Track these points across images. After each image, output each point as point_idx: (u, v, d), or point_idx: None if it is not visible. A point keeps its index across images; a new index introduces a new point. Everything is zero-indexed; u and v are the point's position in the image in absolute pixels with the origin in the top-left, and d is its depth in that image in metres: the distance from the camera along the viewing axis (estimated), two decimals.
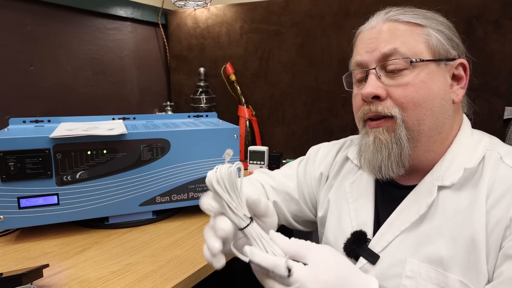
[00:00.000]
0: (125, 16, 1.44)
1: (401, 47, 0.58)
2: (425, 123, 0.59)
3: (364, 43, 0.63)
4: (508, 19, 0.99)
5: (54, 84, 1.24)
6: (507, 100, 1.03)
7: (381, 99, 0.60)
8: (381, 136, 0.60)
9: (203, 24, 1.52)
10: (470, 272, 0.53)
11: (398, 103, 0.59)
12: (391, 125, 0.60)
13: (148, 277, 0.65)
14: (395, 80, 0.59)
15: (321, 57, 1.29)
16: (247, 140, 1.45)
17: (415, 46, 0.59)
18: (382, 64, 0.60)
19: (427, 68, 0.59)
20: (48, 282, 0.63)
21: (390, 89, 0.59)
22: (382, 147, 0.60)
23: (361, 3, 1.19)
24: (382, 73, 0.60)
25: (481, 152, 0.59)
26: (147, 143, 0.83)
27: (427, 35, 0.59)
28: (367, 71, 0.62)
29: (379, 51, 0.60)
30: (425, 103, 0.58)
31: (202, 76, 1.50)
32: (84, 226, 0.84)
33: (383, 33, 0.60)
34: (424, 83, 0.58)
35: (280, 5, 1.33)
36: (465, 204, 0.56)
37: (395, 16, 0.61)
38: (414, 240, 0.58)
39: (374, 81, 0.60)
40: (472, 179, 0.57)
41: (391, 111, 0.59)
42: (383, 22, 0.62)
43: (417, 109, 0.58)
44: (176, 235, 0.82)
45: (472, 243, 0.53)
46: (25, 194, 0.75)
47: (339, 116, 1.29)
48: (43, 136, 0.75)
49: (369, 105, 0.61)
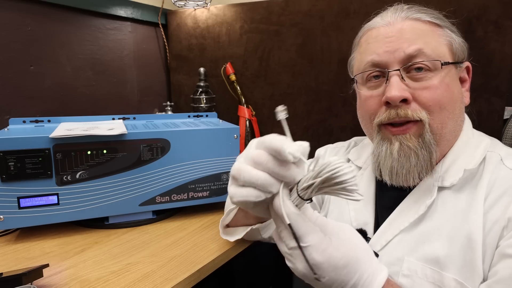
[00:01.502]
0: (125, 16, 1.44)
1: (425, 48, 0.56)
2: (448, 126, 0.58)
3: (382, 41, 0.59)
4: (508, 19, 0.99)
5: (54, 84, 1.24)
6: (507, 100, 1.03)
7: (407, 102, 0.57)
8: (409, 143, 0.57)
9: (203, 24, 1.52)
10: (466, 271, 0.53)
11: (425, 106, 0.56)
12: (417, 130, 0.57)
13: (148, 277, 0.65)
14: (419, 82, 0.57)
15: (321, 57, 1.29)
16: (247, 140, 1.45)
17: (438, 47, 0.57)
18: (406, 66, 0.57)
19: (449, 71, 0.58)
20: (48, 282, 0.63)
21: (415, 91, 0.57)
22: (411, 154, 0.57)
23: (361, 3, 1.19)
24: (404, 74, 0.57)
25: (481, 153, 0.59)
26: (147, 143, 0.83)
27: (448, 36, 0.58)
28: (389, 72, 0.58)
29: (403, 52, 0.57)
30: (449, 106, 0.57)
31: (202, 76, 1.50)
32: (84, 226, 0.84)
33: (405, 32, 0.57)
34: (448, 86, 0.57)
35: (280, 5, 1.33)
36: (464, 205, 0.56)
37: (415, 14, 0.58)
38: (412, 240, 0.58)
39: (399, 83, 0.56)
40: (472, 180, 0.57)
41: (419, 115, 0.56)
42: (403, 19, 0.58)
43: (442, 113, 0.56)
44: (176, 235, 0.82)
45: (469, 242, 0.53)
46: (25, 194, 0.75)
47: (339, 116, 1.29)
48: (43, 136, 0.75)
49: (395, 109, 0.57)
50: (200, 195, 0.90)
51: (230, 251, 0.75)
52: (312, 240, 0.43)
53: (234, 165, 0.46)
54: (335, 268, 0.43)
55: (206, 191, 0.91)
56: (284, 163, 0.42)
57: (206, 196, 0.91)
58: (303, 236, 0.43)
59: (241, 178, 0.44)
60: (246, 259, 0.82)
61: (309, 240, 0.43)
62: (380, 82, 0.60)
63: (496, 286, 0.49)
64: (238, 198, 0.44)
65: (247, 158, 0.45)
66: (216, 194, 0.92)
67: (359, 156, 0.74)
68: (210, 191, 0.91)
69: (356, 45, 0.68)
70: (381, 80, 0.60)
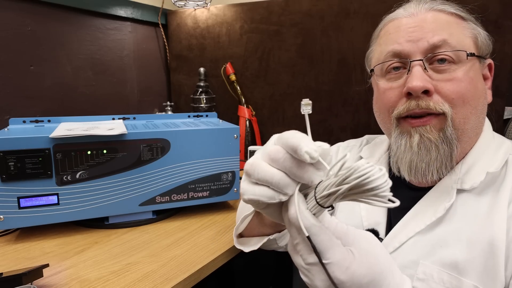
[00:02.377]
0: (125, 16, 1.44)
1: (450, 38, 0.54)
2: (470, 122, 0.55)
3: (404, 31, 0.57)
4: (508, 19, 0.99)
5: (54, 84, 1.24)
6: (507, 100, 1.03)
7: (429, 94, 0.55)
8: (429, 135, 0.55)
9: (203, 24, 1.52)
10: (486, 278, 0.51)
11: (448, 99, 0.54)
12: (438, 123, 0.55)
13: (148, 277, 0.65)
14: (442, 74, 0.55)
15: (321, 57, 1.29)
16: (247, 140, 1.45)
17: (463, 40, 0.56)
18: (430, 56, 0.55)
19: (473, 65, 0.56)
20: (48, 282, 0.63)
21: (438, 83, 0.55)
22: (432, 147, 0.55)
23: (361, 3, 1.19)
24: (427, 65, 0.56)
25: (503, 156, 0.57)
26: (147, 143, 0.83)
27: (473, 29, 0.56)
28: (411, 62, 0.56)
29: (427, 41, 0.55)
30: (472, 100, 0.55)
31: (202, 76, 1.50)
32: (84, 226, 0.84)
33: (428, 22, 0.56)
34: (472, 79, 0.55)
35: (280, 5, 1.33)
36: (485, 209, 0.54)
37: (439, 6, 0.57)
38: (428, 243, 0.56)
39: (421, 73, 0.54)
40: (494, 183, 0.55)
41: (442, 108, 0.54)
42: (426, 10, 0.57)
43: (465, 107, 0.54)
44: (176, 235, 0.82)
45: (490, 248, 0.51)
46: (25, 194, 0.75)
47: (339, 116, 1.29)
48: (43, 136, 0.74)
49: (416, 100, 0.55)
50: (200, 195, 0.90)
51: (230, 251, 0.75)
52: (334, 256, 0.39)
53: (249, 159, 0.41)
54: (359, 286, 0.39)
55: (206, 191, 0.91)
56: (302, 163, 0.38)
57: (206, 196, 0.91)
58: (325, 252, 0.39)
59: (255, 175, 0.39)
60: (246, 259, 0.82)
61: (331, 257, 0.39)
62: (401, 73, 0.58)
63: None
64: (249, 195, 0.40)
65: (264, 154, 0.40)
66: (216, 194, 0.92)
67: (372, 154, 0.72)
68: (210, 191, 0.91)
69: (376, 37, 0.65)
70: (401, 72, 0.58)
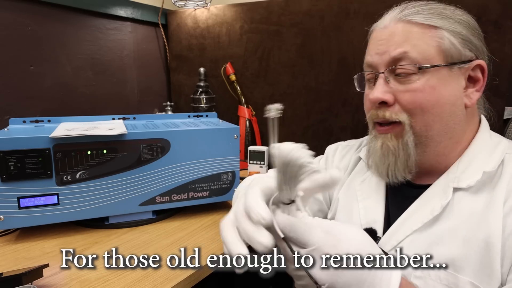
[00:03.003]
0: (125, 16, 1.44)
1: (411, 51, 0.56)
2: (434, 128, 0.58)
3: (375, 44, 0.61)
4: (508, 19, 0.99)
5: (54, 84, 1.24)
6: (507, 100, 1.03)
7: (389, 105, 0.59)
8: (389, 142, 0.60)
9: (203, 24, 1.52)
10: (483, 274, 0.51)
11: (406, 109, 0.58)
12: (399, 131, 0.59)
13: (148, 277, 0.65)
14: (403, 85, 0.58)
15: (321, 57, 1.29)
16: (247, 140, 1.45)
17: (426, 50, 0.57)
18: (391, 68, 0.58)
19: (438, 73, 0.57)
20: (48, 282, 0.63)
21: (399, 94, 0.58)
22: (389, 153, 0.60)
23: (361, 3, 1.19)
24: (392, 77, 0.59)
25: (500, 155, 0.58)
26: (147, 143, 0.83)
27: (440, 38, 0.57)
28: (376, 74, 0.60)
29: (389, 55, 0.58)
30: (433, 109, 0.57)
31: (202, 76, 1.50)
32: (84, 226, 0.84)
33: (395, 35, 0.58)
34: (433, 89, 0.57)
35: (280, 5, 1.33)
36: (481, 207, 0.55)
37: (409, 16, 0.58)
38: (425, 241, 0.57)
39: (382, 86, 0.59)
40: (490, 182, 0.56)
41: (399, 117, 0.58)
42: (396, 22, 0.59)
43: (425, 115, 0.57)
44: (176, 235, 0.82)
45: (486, 245, 0.52)
46: (25, 194, 0.75)
47: (339, 116, 1.29)
48: (43, 136, 0.75)
49: (376, 110, 0.60)
50: (200, 195, 0.90)
51: None
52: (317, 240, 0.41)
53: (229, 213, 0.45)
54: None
55: (206, 191, 0.91)
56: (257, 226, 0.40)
57: (206, 196, 0.91)
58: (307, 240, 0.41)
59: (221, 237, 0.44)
60: None
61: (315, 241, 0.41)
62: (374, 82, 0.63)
63: None
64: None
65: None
66: (216, 194, 0.92)
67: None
68: (210, 191, 0.91)
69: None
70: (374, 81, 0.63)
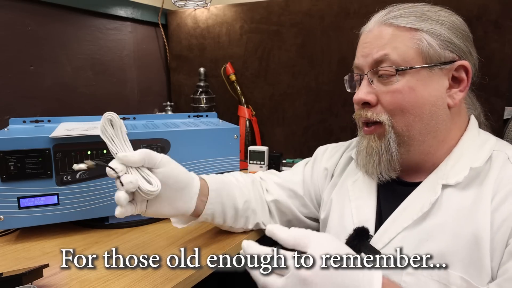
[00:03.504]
0: (125, 16, 1.44)
1: (391, 53, 0.58)
2: (415, 128, 0.60)
3: (361, 46, 0.64)
4: (508, 19, 0.99)
5: (54, 84, 1.24)
6: (507, 100, 1.03)
7: (372, 105, 0.61)
8: (372, 143, 0.62)
9: (203, 24, 1.52)
10: (473, 269, 0.53)
11: (387, 109, 0.60)
12: (382, 132, 0.61)
13: (148, 277, 0.65)
14: (385, 86, 0.60)
15: (321, 57, 1.29)
16: (247, 140, 1.45)
17: (406, 52, 0.58)
18: (374, 70, 0.60)
19: (417, 75, 0.58)
20: (48, 282, 0.63)
21: (381, 95, 0.60)
22: (373, 153, 0.62)
23: (361, 3, 1.19)
24: (375, 78, 0.61)
25: (487, 152, 0.59)
26: (147, 143, 0.83)
27: (418, 40, 0.58)
28: (361, 75, 0.63)
29: (372, 57, 0.60)
30: (413, 109, 0.59)
31: (202, 76, 1.50)
32: (84, 226, 0.84)
33: (378, 38, 0.61)
34: (412, 90, 0.58)
35: (280, 5, 1.33)
36: (469, 202, 0.56)
37: (390, 19, 0.60)
38: (416, 237, 0.58)
39: (365, 87, 0.62)
40: (478, 178, 0.57)
41: (379, 117, 0.60)
42: (378, 25, 0.61)
43: (405, 116, 0.59)
44: (176, 235, 0.82)
45: (475, 240, 0.53)
46: (25, 194, 0.74)
47: (339, 116, 1.29)
48: (43, 136, 0.74)
49: (360, 110, 0.63)
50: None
51: (231, 251, 0.75)
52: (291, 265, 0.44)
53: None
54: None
55: None
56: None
57: None
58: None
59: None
60: None
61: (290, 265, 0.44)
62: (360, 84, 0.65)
63: (506, 284, 0.49)
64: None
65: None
66: None
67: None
68: None
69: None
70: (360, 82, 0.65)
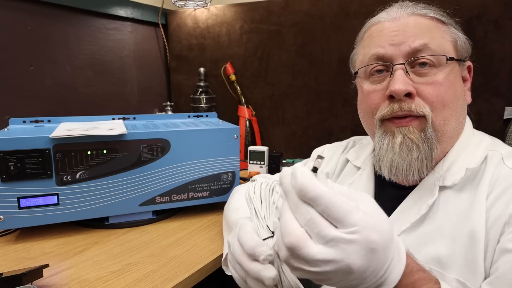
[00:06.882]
0: (125, 16, 1.44)
1: (430, 43, 0.56)
2: (450, 123, 0.57)
3: (387, 35, 0.59)
4: (508, 19, 0.99)
5: (54, 84, 1.24)
6: (507, 100, 1.03)
7: (411, 97, 0.56)
8: (412, 135, 0.56)
9: (203, 24, 1.52)
10: (467, 271, 0.52)
11: (429, 102, 0.56)
12: (419, 124, 0.56)
13: (148, 277, 0.65)
14: (423, 77, 0.56)
15: (321, 57, 1.29)
16: (247, 140, 1.45)
17: (443, 43, 0.57)
18: (412, 59, 0.57)
19: (453, 68, 0.57)
20: (48, 282, 0.63)
21: (419, 86, 0.56)
22: (413, 147, 0.56)
23: (361, 3, 1.19)
24: (409, 69, 0.57)
25: (483, 152, 0.59)
26: (147, 143, 0.83)
27: (453, 33, 0.58)
28: (393, 65, 0.57)
29: (408, 45, 0.57)
30: (452, 103, 0.57)
31: (202, 76, 1.50)
32: (84, 226, 0.84)
33: (410, 26, 0.57)
34: (452, 83, 0.57)
35: (280, 5, 1.33)
36: (466, 204, 0.56)
37: (421, 10, 0.59)
38: (414, 240, 0.57)
39: (403, 77, 0.56)
40: (474, 179, 0.57)
41: (423, 110, 0.56)
42: (408, 15, 0.59)
43: (445, 109, 0.56)
44: (176, 235, 0.82)
45: (471, 241, 0.53)
46: (25, 194, 0.74)
47: (339, 116, 1.29)
48: (43, 136, 0.74)
49: (399, 103, 0.56)
50: (200, 195, 0.90)
51: None
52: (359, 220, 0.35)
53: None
54: (389, 243, 0.37)
55: (206, 191, 0.91)
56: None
57: (206, 196, 0.91)
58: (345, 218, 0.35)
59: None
60: None
61: (357, 221, 0.35)
62: (384, 76, 0.60)
63: (497, 282, 0.49)
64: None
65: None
66: (216, 194, 0.92)
67: (358, 156, 0.73)
68: (210, 191, 0.91)
69: (360, 39, 0.67)
70: (384, 74, 0.60)
